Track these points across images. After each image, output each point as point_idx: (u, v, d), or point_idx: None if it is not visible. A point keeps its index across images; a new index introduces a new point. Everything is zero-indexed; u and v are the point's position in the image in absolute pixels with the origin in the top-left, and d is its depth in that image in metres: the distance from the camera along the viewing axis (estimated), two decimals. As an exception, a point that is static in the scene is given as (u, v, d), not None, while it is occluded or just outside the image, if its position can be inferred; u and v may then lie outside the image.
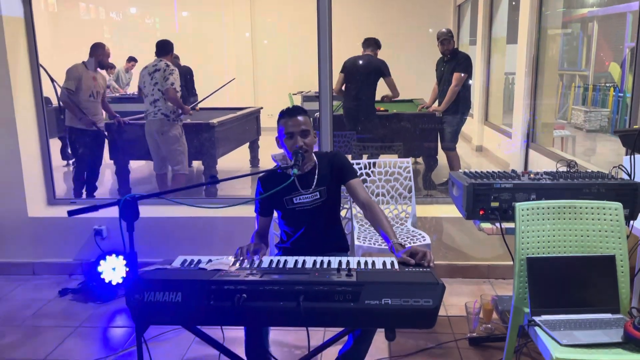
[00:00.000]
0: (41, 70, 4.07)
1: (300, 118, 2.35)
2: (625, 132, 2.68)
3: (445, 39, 5.30)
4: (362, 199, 2.40)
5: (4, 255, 3.99)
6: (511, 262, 2.37)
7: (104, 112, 5.25)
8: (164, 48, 4.85)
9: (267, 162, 7.09)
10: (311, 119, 2.44)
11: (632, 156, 2.56)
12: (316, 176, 2.43)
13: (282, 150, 2.47)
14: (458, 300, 3.39)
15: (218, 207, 2.19)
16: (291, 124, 2.34)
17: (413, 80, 7.30)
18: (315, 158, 2.46)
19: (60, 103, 4.84)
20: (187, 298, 1.80)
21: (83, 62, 4.82)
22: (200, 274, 1.91)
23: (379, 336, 2.06)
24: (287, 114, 2.37)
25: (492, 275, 3.76)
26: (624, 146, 2.68)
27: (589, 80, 10.15)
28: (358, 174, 2.57)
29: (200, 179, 6.31)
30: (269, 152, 2.85)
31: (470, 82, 5.53)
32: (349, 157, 5.60)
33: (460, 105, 5.40)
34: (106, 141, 5.34)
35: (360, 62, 5.43)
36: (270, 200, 2.41)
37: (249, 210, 3.31)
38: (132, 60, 8.97)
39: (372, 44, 5.51)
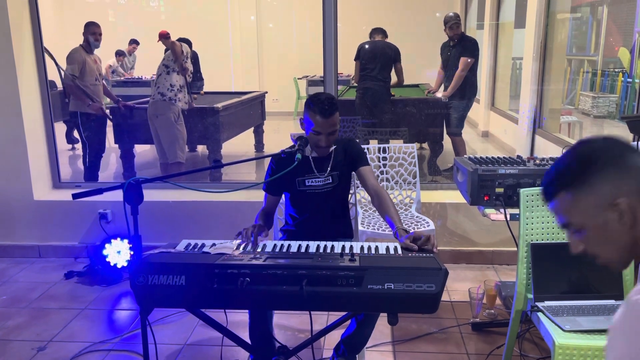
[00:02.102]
0: (45, 53, 4.06)
1: (333, 118, 2.26)
2: (632, 118, 2.65)
3: (455, 23, 5.24)
4: (371, 186, 2.39)
5: (10, 238, 4.02)
6: (515, 248, 2.37)
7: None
8: (185, 41, 4.91)
9: (272, 147, 7.08)
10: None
11: (639, 142, 2.54)
12: (331, 161, 2.42)
13: (302, 132, 2.44)
14: (462, 285, 3.40)
15: (221, 192, 2.18)
16: (321, 123, 2.25)
17: (419, 65, 7.25)
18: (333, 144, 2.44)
19: (65, 88, 4.81)
20: (190, 281, 1.82)
21: (81, 45, 4.73)
22: (204, 257, 1.91)
23: (382, 320, 2.07)
24: (320, 113, 2.24)
25: (496, 261, 3.76)
26: (631, 132, 2.65)
27: (598, 66, 10.04)
28: (369, 162, 2.57)
29: (205, 163, 6.31)
30: (274, 137, 2.84)
31: (477, 66, 5.46)
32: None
33: (467, 91, 5.36)
34: (111, 125, 5.33)
35: (378, 46, 5.42)
36: (281, 180, 2.39)
37: (253, 195, 3.32)
38: (133, 42, 8.91)
39: (380, 32, 5.52)
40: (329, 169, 2.41)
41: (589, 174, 1.10)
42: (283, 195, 2.54)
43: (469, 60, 5.21)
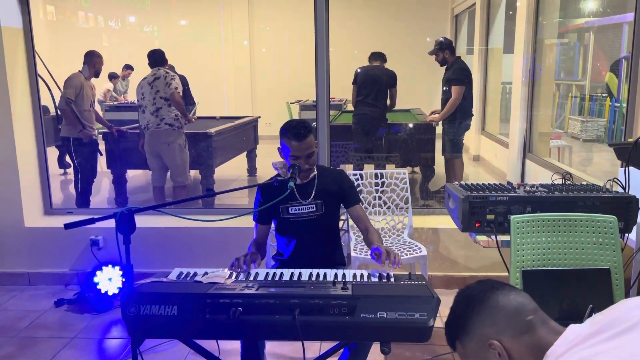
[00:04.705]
0: (39, 79, 4.08)
1: (307, 141, 2.31)
2: (619, 145, 2.69)
3: (435, 49, 5.35)
4: (362, 224, 2.50)
5: (0, 265, 3.97)
6: (508, 274, 2.38)
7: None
8: (160, 58, 4.83)
9: (264, 171, 7.10)
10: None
11: (627, 169, 2.58)
12: (315, 188, 2.44)
13: (283, 159, 2.47)
14: (454, 311, 3.38)
15: (214, 220, 2.19)
16: (297, 147, 2.31)
17: (410, 90, 7.33)
18: (315, 170, 2.47)
19: (58, 112, 4.84)
20: (182, 311, 1.81)
21: (80, 72, 4.80)
22: (196, 287, 1.91)
23: (376, 348, 2.06)
24: (295, 137, 2.30)
25: (488, 286, 3.76)
26: (619, 159, 2.69)
27: (586, 90, 10.21)
28: (360, 199, 2.61)
29: (198, 188, 6.31)
30: (267, 161, 2.86)
31: (470, 92, 5.49)
32: (350, 167, 5.62)
33: (458, 115, 5.40)
34: (104, 150, 5.35)
35: (374, 71, 5.48)
36: (268, 208, 2.41)
37: (246, 221, 3.32)
38: (128, 68, 9.00)
39: (378, 57, 5.57)
40: (312, 196, 2.43)
41: (464, 323, 1.21)
42: (273, 223, 2.56)
43: (460, 87, 5.22)
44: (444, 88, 5.43)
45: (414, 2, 10.01)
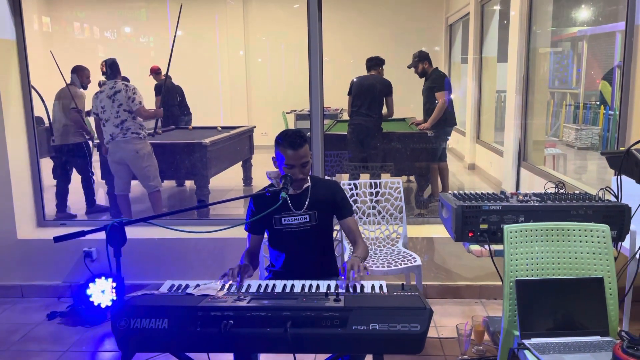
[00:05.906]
0: (33, 90, 4.09)
1: (302, 150, 2.32)
2: (612, 154, 2.70)
3: (414, 61, 5.46)
4: (352, 237, 2.49)
5: (-7, 278, 3.95)
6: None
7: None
8: (117, 69, 4.89)
9: (260, 181, 7.08)
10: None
11: (619, 178, 2.58)
12: (308, 198, 2.43)
13: (277, 169, 2.47)
14: (449, 321, 3.37)
15: (205, 232, 2.18)
16: (292, 155, 2.30)
17: (405, 99, 7.35)
18: (309, 180, 2.46)
19: (51, 123, 4.96)
20: (173, 324, 1.79)
21: (74, 84, 5.06)
22: (188, 299, 1.89)
23: (368, 360, 2.05)
24: (290, 146, 2.30)
25: (483, 296, 3.75)
26: (611, 168, 2.70)
27: (580, 99, 10.26)
28: (354, 210, 2.60)
29: (193, 198, 6.30)
30: (263, 171, 2.85)
31: (451, 97, 5.56)
32: (346, 176, 5.61)
33: (446, 121, 5.46)
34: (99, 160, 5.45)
35: (368, 81, 5.48)
36: (261, 218, 2.41)
37: (239, 232, 3.31)
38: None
39: (374, 64, 5.54)
40: (305, 207, 2.42)
41: None
42: (266, 234, 2.54)
43: (444, 92, 5.32)
44: (425, 99, 5.50)
45: (408, 12, 10.06)
